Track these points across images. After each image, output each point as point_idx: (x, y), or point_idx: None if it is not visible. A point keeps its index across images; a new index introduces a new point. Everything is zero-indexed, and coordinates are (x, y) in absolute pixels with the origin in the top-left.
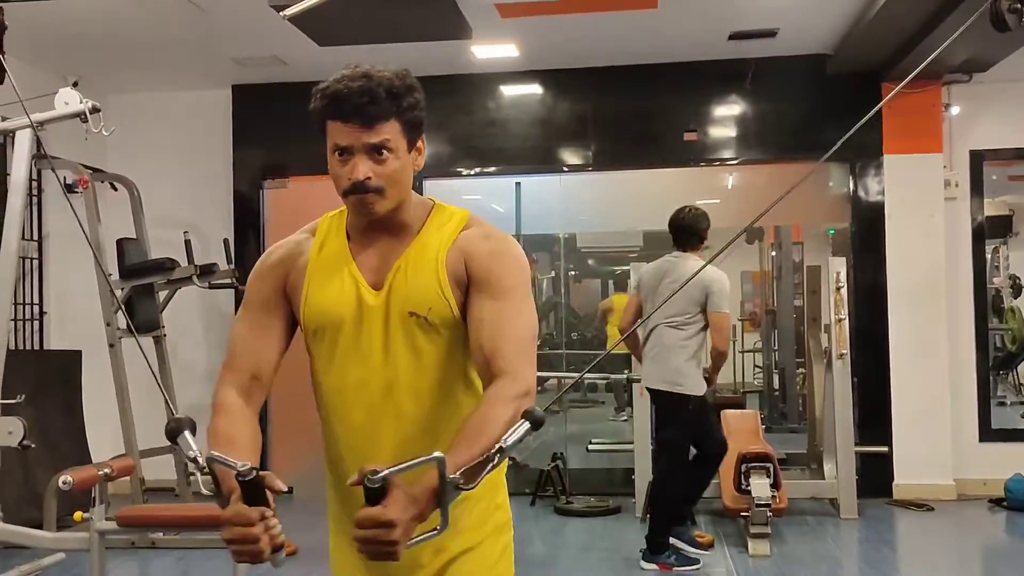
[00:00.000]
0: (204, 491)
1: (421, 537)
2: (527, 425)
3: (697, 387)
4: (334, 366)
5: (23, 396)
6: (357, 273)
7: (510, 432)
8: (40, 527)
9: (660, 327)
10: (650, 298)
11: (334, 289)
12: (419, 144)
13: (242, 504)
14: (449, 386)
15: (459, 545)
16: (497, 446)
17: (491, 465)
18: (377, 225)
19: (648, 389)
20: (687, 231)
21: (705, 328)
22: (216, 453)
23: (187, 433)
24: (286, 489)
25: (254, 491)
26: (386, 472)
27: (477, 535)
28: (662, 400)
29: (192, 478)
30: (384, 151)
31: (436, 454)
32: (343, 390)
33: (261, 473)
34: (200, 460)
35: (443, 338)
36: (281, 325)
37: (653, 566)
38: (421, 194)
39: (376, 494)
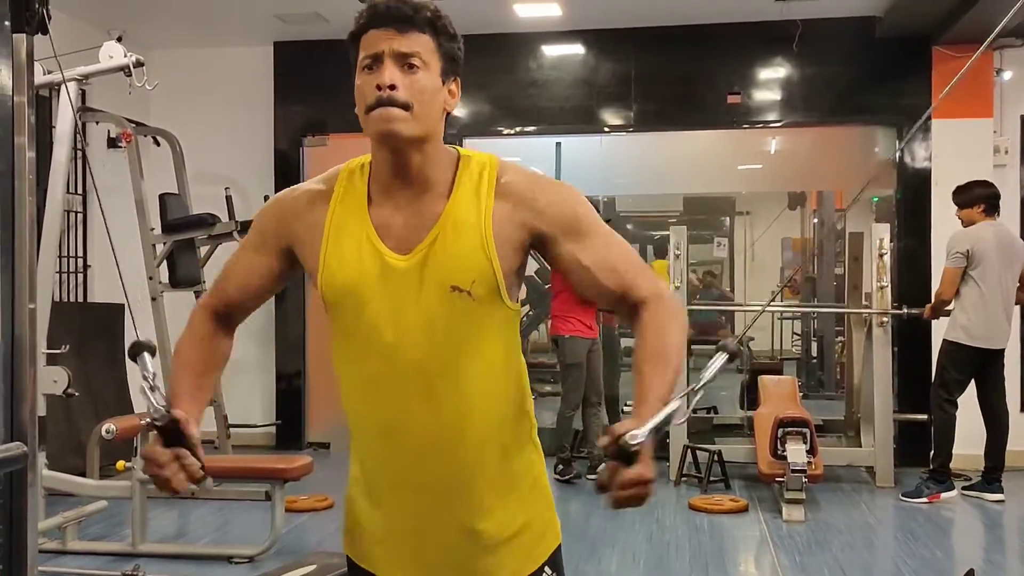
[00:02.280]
0: (151, 414)
1: None
2: (724, 357)
3: None
4: (357, 341)
5: (67, 346)
6: (379, 242)
7: (710, 366)
8: (83, 475)
9: (1007, 289)
10: (999, 264)
11: (353, 259)
12: (453, 84)
13: (156, 446)
14: (489, 361)
15: (506, 527)
16: (702, 382)
17: (697, 397)
18: (401, 179)
19: (992, 350)
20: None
21: None
22: (148, 391)
23: (146, 354)
24: (196, 434)
25: (170, 434)
26: (643, 435)
27: (521, 518)
28: (1000, 355)
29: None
30: (415, 65)
31: (675, 404)
32: (369, 368)
33: (177, 417)
34: (151, 381)
35: (485, 312)
36: (270, 269)
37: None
38: None
39: (632, 455)
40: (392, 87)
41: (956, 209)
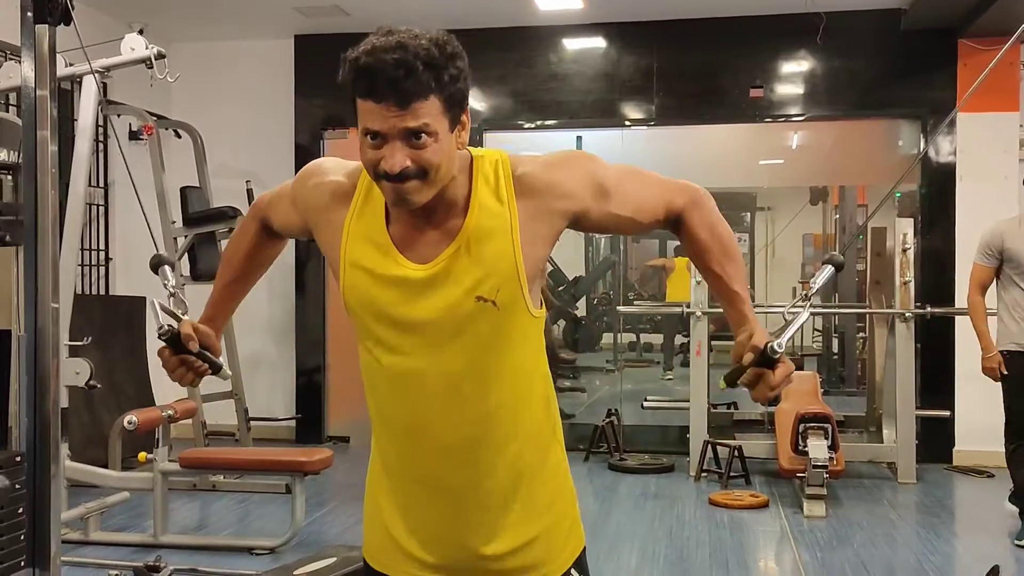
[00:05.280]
0: (158, 329)
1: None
2: (831, 269)
3: None
4: (381, 349)
5: (89, 339)
6: (398, 255)
7: (818, 276)
8: (105, 466)
9: None
10: None
11: (374, 269)
12: (463, 119)
13: (165, 350)
14: (514, 366)
15: (525, 529)
16: (814, 289)
17: (809, 304)
18: (420, 210)
19: None
20: None
21: None
22: (159, 305)
23: (167, 268)
24: (209, 342)
25: (176, 344)
26: (785, 340)
27: (545, 519)
28: None
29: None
30: (423, 135)
31: (804, 317)
32: (392, 374)
33: (179, 331)
34: (171, 290)
35: (509, 320)
36: (299, 227)
37: None
38: (482, 147)
39: (776, 360)
40: (404, 168)
41: None
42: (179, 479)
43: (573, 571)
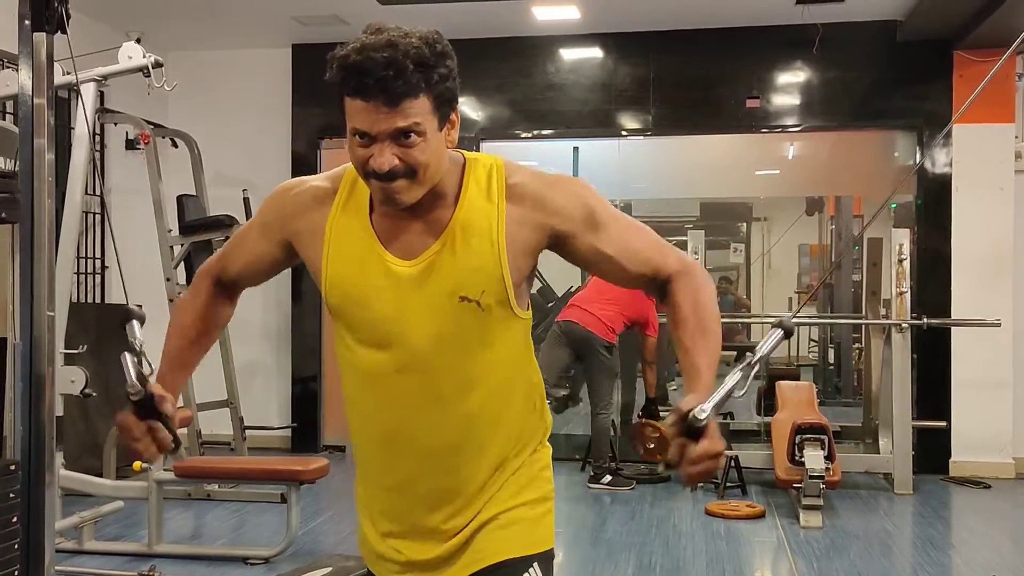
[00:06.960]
0: (128, 387)
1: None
2: (780, 333)
3: None
4: (362, 347)
5: (85, 347)
6: (383, 250)
7: (765, 342)
8: (100, 475)
9: None
10: None
11: (356, 266)
12: (452, 117)
13: (130, 416)
14: (497, 369)
15: (492, 511)
16: (758, 356)
17: (754, 371)
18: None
19: None
20: None
21: None
22: (130, 361)
23: (135, 323)
24: (171, 410)
25: (145, 407)
26: (709, 410)
27: (513, 502)
28: None
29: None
30: (412, 135)
31: (735, 378)
32: (374, 373)
33: (152, 392)
34: (138, 348)
35: (494, 321)
36: (272, 256)
37: None
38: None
39: (700, 430)
40: (393, 167)
41: None
42: (174, 488)
43: (536, 565)
